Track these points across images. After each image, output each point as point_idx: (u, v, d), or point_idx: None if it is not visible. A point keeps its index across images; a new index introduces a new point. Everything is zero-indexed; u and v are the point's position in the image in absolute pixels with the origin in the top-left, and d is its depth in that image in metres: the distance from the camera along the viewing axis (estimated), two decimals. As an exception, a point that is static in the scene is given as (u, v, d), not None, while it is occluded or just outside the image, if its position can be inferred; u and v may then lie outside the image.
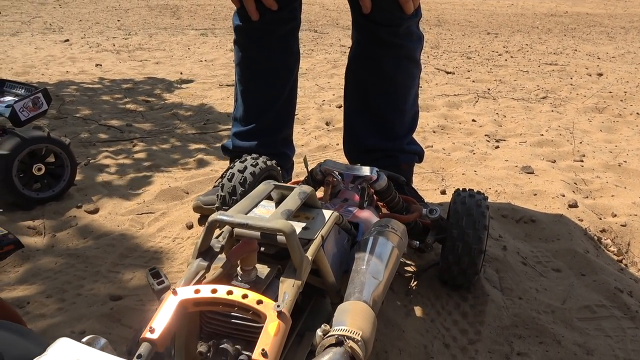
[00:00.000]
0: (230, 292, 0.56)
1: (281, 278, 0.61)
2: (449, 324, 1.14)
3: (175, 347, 0.63)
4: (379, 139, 1.57)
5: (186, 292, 0.57)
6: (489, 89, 3.65)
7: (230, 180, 1.34)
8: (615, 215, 1.69)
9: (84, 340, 0.48)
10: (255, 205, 0.70)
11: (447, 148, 2.41)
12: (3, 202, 1.59)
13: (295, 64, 1.59)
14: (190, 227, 1.53)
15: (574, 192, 1.87)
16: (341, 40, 5.98)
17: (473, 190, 1.25)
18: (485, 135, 2.64)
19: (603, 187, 1.93)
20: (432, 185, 1.98)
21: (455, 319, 1.16)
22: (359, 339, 0.56)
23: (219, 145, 2.37)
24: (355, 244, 0.85)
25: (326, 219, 0.75)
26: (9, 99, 1.75)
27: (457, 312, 1.18)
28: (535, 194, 1.81)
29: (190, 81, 3.83)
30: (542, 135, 2.62)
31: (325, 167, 1.21)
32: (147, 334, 0.53)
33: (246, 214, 0.67)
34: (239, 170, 1.35)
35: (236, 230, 0.68)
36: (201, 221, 1.55)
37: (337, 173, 1.20)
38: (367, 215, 1.08)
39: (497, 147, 2.45)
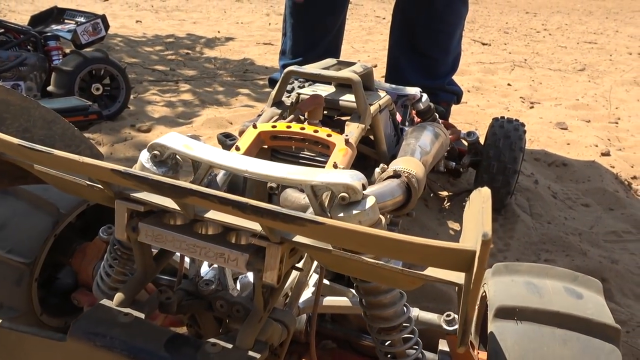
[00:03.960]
0: (303, 128, 0.65)
1: (346, 122, 0.69)
2: (480, 237, 1.21)
3: (247, 186, 0.72)
4: (421, 77, 1.63)
5: (264, 126, 0.65)
6: (525, 59, 3.63)
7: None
8: (648, 167, 1.71)
9: (188, 134, 0.56)
10: (321, 68, 0.78)
11: (481, 105, 2.44)
12: (64, 117, 1.71)
13: (346, -1, 1.65)
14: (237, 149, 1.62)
15: (607, 145, 1.90)
16: (376, 11, 5.96)
17: (511, 117, 1.31)
18: (520, 97, 2.65)
19: (637, 145, 1.95)
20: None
21: (485, 234, 1.22)
22: (414, 174, 0.64)
23: (259, 90, 2.46)
24: (402, 134, 0.92)
25: (382, 95, 0.83)
26: (70, 25, 1.86)
27: (488, 229, 1.25)
28: (568, 144, 1.84)
29: (229, 39, 3.91)
30: (578, 100, 2.63)
31: (371, 86, 1.28)
32: (233, 150, 0.62)
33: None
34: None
35: (303, 96, 0.76)
36: (246, 145, 1.64)
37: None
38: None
39: (532, 107, 2.47)
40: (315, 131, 0.64)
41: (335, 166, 0.58)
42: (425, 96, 1.26)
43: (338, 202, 0.47)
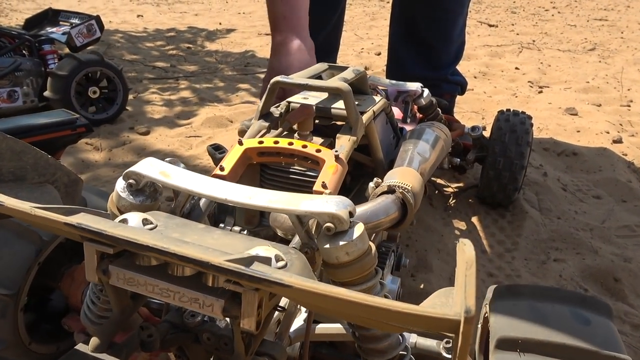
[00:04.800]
0: (291, 143, 0.61)
1: (337, 135, 0.65)
2: (487, 235, 1.17)
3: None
4: (423, 68, 1.58)
5: (251, 142, 0.62)
6: (533, 41, 3.54)
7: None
8: (662, 153, 1.65)
9: (167, 160, 0.53)
10: (311, 77, 0.74)
11: (488, 91, 2.38)
12: (62, 122, 1.69)
13: (343, -11, 1.60)
14: (222, 170, 1.59)
15: (618, 131, 1.84)
16: (380, -5, 5.84)
17: (517, 110, 1.26)
18: (529, 82, 2.58)
19: (650, 129, 1.88)
20: (472, 123, 1.97)
21: (492, 232, 1.19)
22: (409, 189, 0.60)
23: (260, 85, 2.42)
24: (402, 138, 0.88)
25: (376, 100, 0.79)
26: (64, 27, 1.83)
27: (495, 227, 1.21)
28: (578, 131, 1.78)
29: (231, 30, 3.86)
30: (588, 82, 2.55)
31: (371, 82, 1.23)
32: (217, 171, 0.59)
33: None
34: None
35: (293, 104, 0.73)
36: (246, 144, 1.61)
37: (381, 88, 1.23)
38: (410, 128, 1.11)
39: (541, 91, 2.40)
40: (304, 146, 0.61)
41: (324, 186, 0.55)
42: (426, 91, 1.21)
43: (324, 233, 0.43)
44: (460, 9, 1.53)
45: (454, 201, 1.31)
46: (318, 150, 0.60)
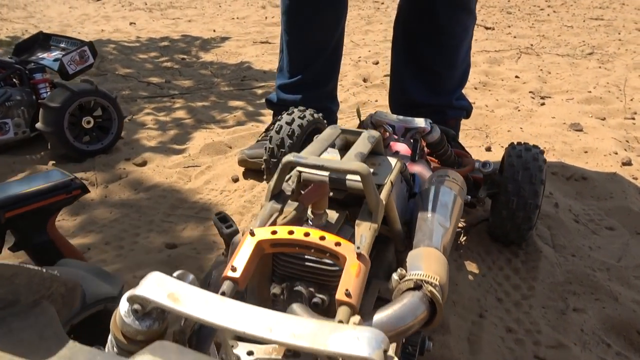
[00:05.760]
0: (307, 234, 0.56)
1: (357, 221, 0.60)
2: (501, 279, 1.13)
3: (248, 288, 0.64)
4: (427, 94, 1.53)
5: (263, 233, 0.57)
6: (531, 45, 3.50)
7: (278, 132, 1.34)
8: (672, 175, 1.62)
9: (174, 274, 0.49)
10: (325, 149, 0.69)
11: (490, 105, 2.34)
12: (55, 154, 1.63)
13: (342, 14, 1.54)
14: (236, 180, 1.55)
15: (626, 150, 1.80)
16: (375, -5, 5.78)
17: (529, 143, 1.22)
18: (530, 92, 2.54)
19: (657, 146, 1.85)
20: (476, 142, 1.93)
21: (507, 274, 1.15)
22: (437, 283, 0.56)
23: (257, 102, 2.36)
24: (416, 194, 0.83)
25: (392, 165, 0.74)
26: (56, 53, 1.77)
27: (509, 268, 1.17)
28: (586, 152, 1.75)
29: (225, 38, 3.79)
30: (590, 92, 2.51)
31: (377, 119, 1.19)
32: (228, 273, 0.54)
33: (318, 156, 0.66)
34: (286, 123, 1.34)
35: (304, 175, 0.68)
36: (246, 175, 1.56)
37: (388, 125, 1.18)
38: (420, 168, 1.06)
39: (543, 104, 2.36)
40: (322, 238, 0.56)
41: (347, 294, 0.50)
42: (436, 128, 1.17)
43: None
44: (465, 33, 1.49)
45: (464, 238, 1.27)
46: (337, 244, 0.55)
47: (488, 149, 1.84)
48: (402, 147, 1.19)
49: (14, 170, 1.55)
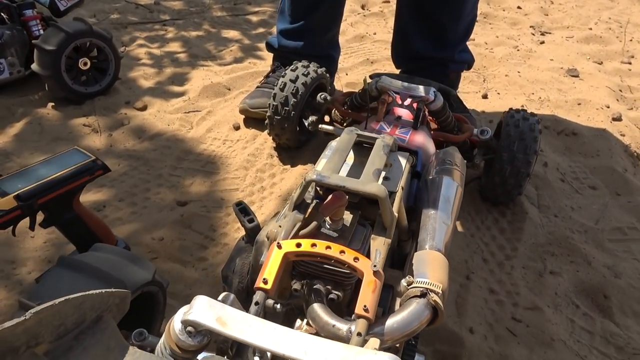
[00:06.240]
0: (328, 247, 0.63)
1: (372, 235, 0.67)
2: (488, 239, 1.24)
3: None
4: (430, 46, 1.53)
5: (289, 246, 0.64)
6: (537, -33, 3.34)
7: (282, 89, 1.35)
8: (657, 130, 1.69)
9: (219, 298, 0.56)
10: (344, 161, 0.74)
11: (489, 42, 2.31)
12: (54, 96, 1.62)
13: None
14: (237, 128, 1.57)
15: (618, 100, 1.85)
16: None
17: (526, 111, 1.26)
18: (531, 27, 2.51)
19: (648, 97, 1.89)
20: (473, 87, 1.95)
21: (493, 235, 1.25)
22: (440, 291, 0.64)
23: (253, 33, 2.30)
24: (422, 182, 0.89)
25: (402, 166, 0.79)
26: (44, -15, 1.68)
27: (496, 228, 1.27)
28: (579, 104, 1.79)
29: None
30: (591, 29, 2.49)
31: (382, 85, 1.21)
32: (260, 284, 0.61)
33: (339, 171, 0.70)
34: (290, 80, 1.35)
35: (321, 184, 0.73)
36: (247, 123, 1.59)
37: (393, 92, 1.20)
38: (422, 139, 1.10)
39: (543, 42, 2.34)
40: (342, 252, 0.63)
41: (366, 310, 0.58)
42: (439, 96, 1.20)
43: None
44: (474, -16, 1.45)
45: (457, 197, 1.35)
46: (356, 259, 0.62)
47: (484, 97, 1.86)
48: (405, 112, 1.23)
49: (13, 113, 1.55)
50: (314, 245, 0.64)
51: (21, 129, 1.48)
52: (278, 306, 0.73)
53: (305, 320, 0.69)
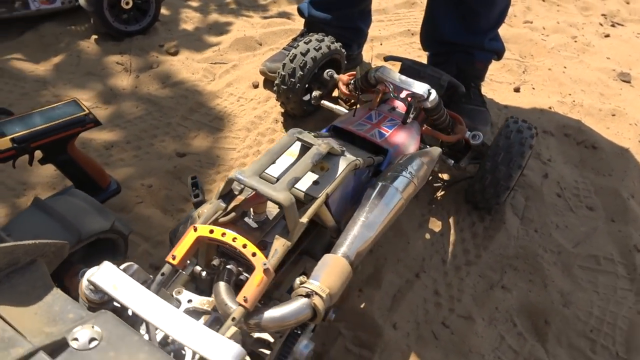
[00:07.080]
0: (234, 239, 0.72)
1: (276, 236, 0.74)
2: (456, 240, 1.26)
3: (199, 251, 0.82)
4: (459, 32, 1.48)
5: (203, 230, 0.73)
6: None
7: (292, 61, 1.39)
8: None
9: (121, 267, 0.67)
10: (273, 162, 0.79)
11: (548, 28, 2.16)
12: (97, 30, 1.75)
13: None
14: (256, 86, 1.64)
15: (661, 117, 1.71)
16: None
17: (525, 123, 1.23)
18: (602, 15, 2.30)
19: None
20: (509, 77, 1.87)
21: (463, 237, 1.27)
22: (325, 295, 0.71)
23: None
24: (370, 185, 0.93)
25: (338, 173, 0.84)
26: None
27: (469, 231, 1.29)
28: (613, 114, 1.68)
29: None
30: (672, 27, 2.24)
31: (379, 75, 1.22)
32: (169, 259, 0.72)
33: (261, 174, 0.77)
34: (301, 53, 1.38)
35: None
36: (266, 84, 1.65)
37: (390, 83, 1.22)
38: (402, 138, 1.13)
39: (607, 35, 2.16)
40: (244, 246, 0.71)
41: (245, 300, 0.67)
42: (433, 94, 1.19)
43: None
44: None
45: (442, 194, 1.37)
46: (254, 254, 0.70)
47: (517, 90, 1.79)
48: (400, 105, 1.24)
49: (60, 42, 1.71)
50: (223, 234, 0.73)
51: (61, 59, 1.63)
52: (204, 273, 0.84)
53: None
